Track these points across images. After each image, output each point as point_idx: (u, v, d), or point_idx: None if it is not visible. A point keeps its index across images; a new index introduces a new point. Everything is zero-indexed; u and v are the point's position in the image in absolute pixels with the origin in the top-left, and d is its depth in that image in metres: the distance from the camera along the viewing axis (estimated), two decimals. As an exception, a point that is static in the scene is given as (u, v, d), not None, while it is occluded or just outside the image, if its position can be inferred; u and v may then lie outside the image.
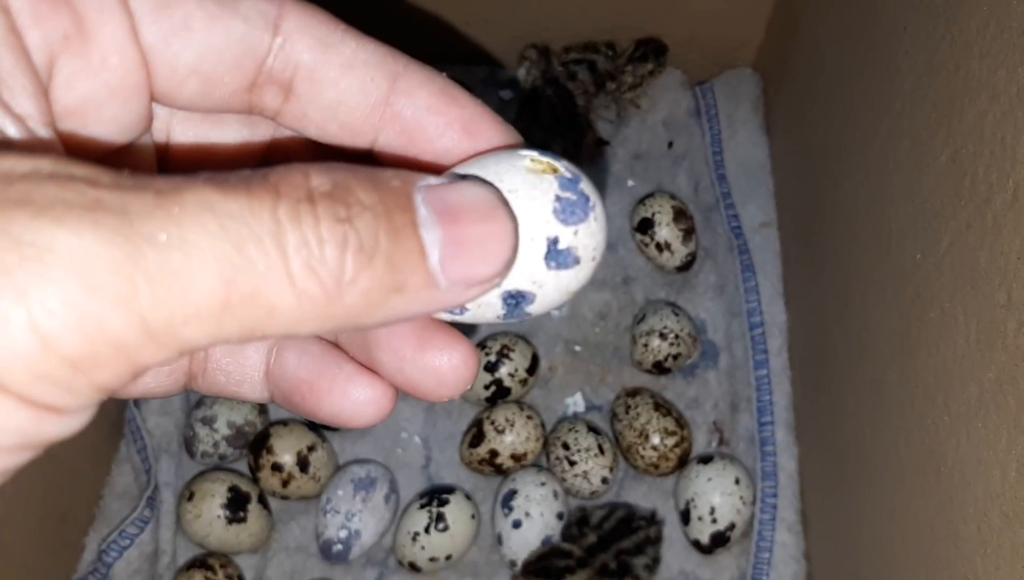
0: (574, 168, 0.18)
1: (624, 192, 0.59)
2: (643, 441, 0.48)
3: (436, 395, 0.19)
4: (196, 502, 0.46)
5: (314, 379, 0.19)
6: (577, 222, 0.17)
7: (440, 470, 0.50)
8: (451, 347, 0.18)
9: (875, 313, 0.40)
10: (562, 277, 0.17)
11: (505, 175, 0.17)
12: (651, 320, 0.52)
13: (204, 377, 0.20)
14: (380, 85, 0.18)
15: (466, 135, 0.18)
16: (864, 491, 0.42)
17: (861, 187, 0.43)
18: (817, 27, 0.52)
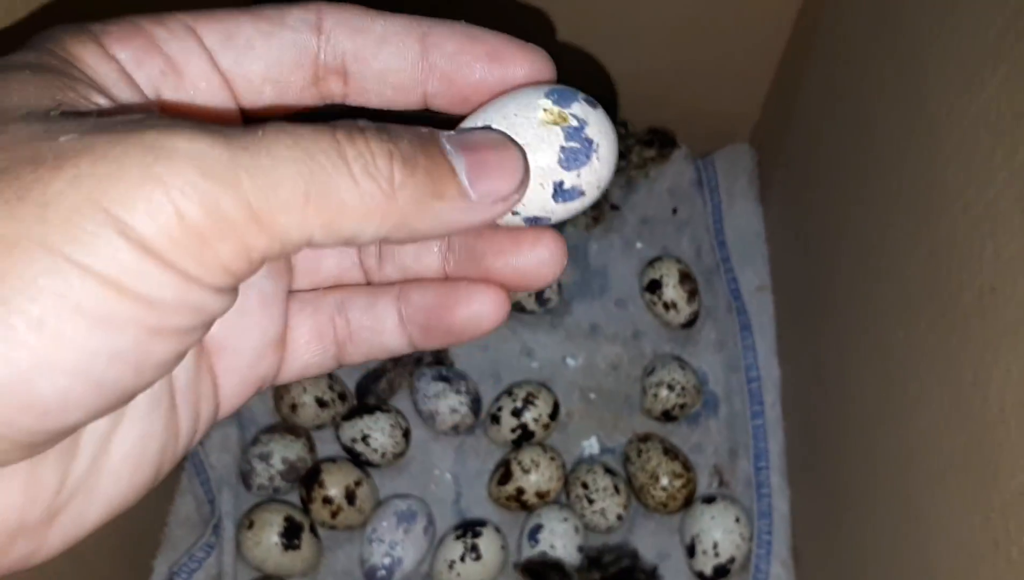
0: (586, 107, 0.21)
1: (633, 253, 0.65)
2: (654, 482, 0.54)
3: (540, 280, 0.22)
4: (256, 530, 0.51)
5: (441, 302, 0.23)
6: (579, 166, 0.20)
7: (470, 505, 0.56)
8: (540, 240, 0.22)
9: (862, 377, 0.47)
10: (570, 206, 0.21)
11: (519, 128, 0.20)
12: (660, 373, 0.58)
13: (352, 342, 0.24)
14: (412, 46, 0.21)
15: (495, 63, 0.21)
16: (849, 531, 0.48)
17: (850, 263, 0.50)
18: (810, 112, 0.59)
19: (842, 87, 0.53)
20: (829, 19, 0.55)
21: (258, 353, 0.22)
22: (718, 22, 0.62)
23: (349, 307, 0.24)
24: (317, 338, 0.23)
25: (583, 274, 0.64)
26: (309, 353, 0.23)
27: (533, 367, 0.61)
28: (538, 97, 0.21)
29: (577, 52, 0.64)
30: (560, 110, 0.20)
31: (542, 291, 0.61)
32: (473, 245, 0.22)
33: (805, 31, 0.60)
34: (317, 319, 0.24)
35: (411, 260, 0.24)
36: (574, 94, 0.21)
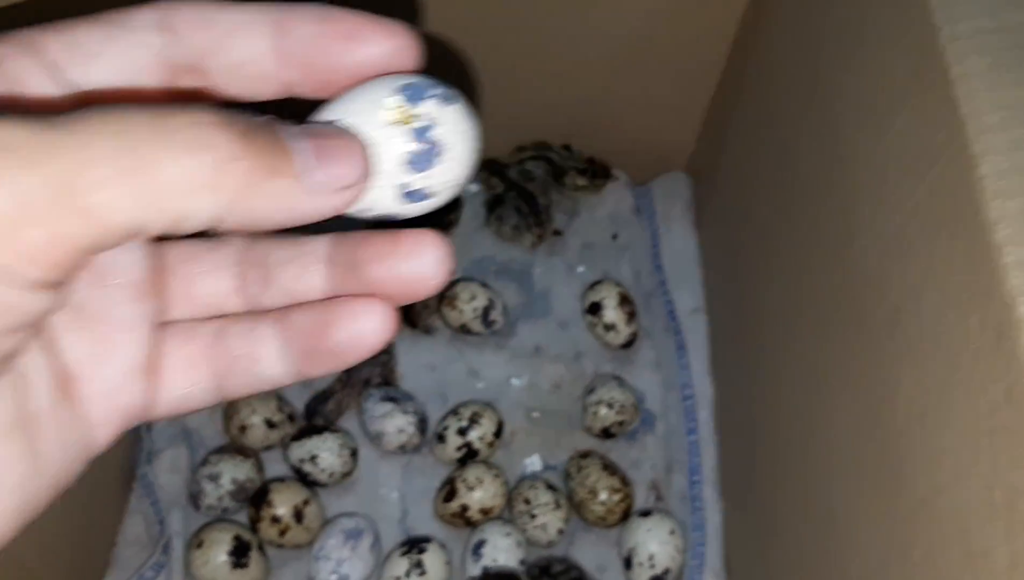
0: (439, 104, 0.20)
1: (575, 277, 0.67)
2: (592, 497, 0.56)
3: (423, 286, 0.21)
4: (204, 549, 0.52)
5: (320, 323, 0.21)
6: (426, 168, 0.20)
7: (417, 522, 0.58)
8: (420, 243, 0.21)
9: (786, 394, 0.50)
10: (419, 207, 0.21)
11: (365, 126, 0.20)
12: (599, 391, 0.60)
13: (231, 372, 0.22)
14: (265, 33, 0.20)
15: (352, 42, 0.20)
16: (774, 542, 0.51)
17: (775, 286, 0.53)
18: (740, 144, 0.62)
19: (768, 121, 0.56)
20: (757, 57, 0.58)
21: (124, 381, 0.21)
22: (655, 56, 0.65)
23: (227, 335, 0.22)
24: (191, 368, 0.22)
25: (527, 297, 0.66)
26: (184, 383, 0.22)
27: (479, 387, 0.63)
28: (388, 93, 0.20)
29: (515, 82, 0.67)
30: (408, 108, 0.20)
31: (488, 313, 0.63)
32: (353, 255, 0.21)
33: (737, 66, 0.63)
34: (192, 348, 0.22)
35: (292, 281, 0.22)
36: (426, 89, 0.20)
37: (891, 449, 0.36)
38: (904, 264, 0.37)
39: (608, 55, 0.65)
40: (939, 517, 0.32)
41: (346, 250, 0.22)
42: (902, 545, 0.35)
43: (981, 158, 0.31)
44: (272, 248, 0.23)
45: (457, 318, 0.63)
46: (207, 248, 0.23)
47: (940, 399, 0.33)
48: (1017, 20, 0.34)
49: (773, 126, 0.55)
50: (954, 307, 0.33)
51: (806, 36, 0.51)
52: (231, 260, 0.23)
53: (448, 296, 0.63)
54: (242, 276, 0.23)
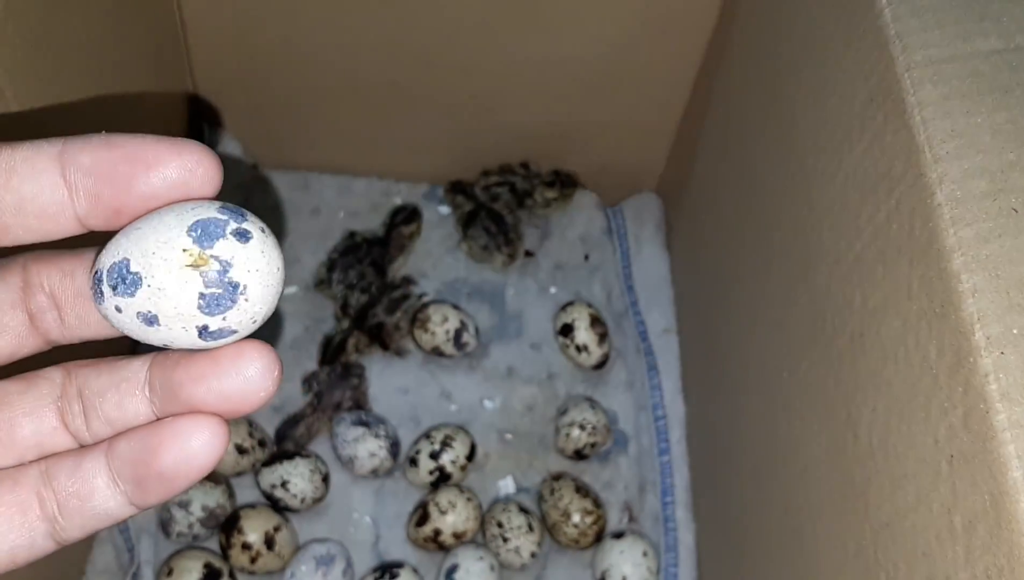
0: (233, 243, 0.19)
1: (547, 298, 0.68)
2: (566, 519, 0.56)
3: (251, 400, 0.20)
4: (175, 577, 0.52)
5: (145, 448, 0.20)
6: (224, 310, 0.19)
7: (389, 547, 0.57)
8: (242, 355, 0.20)
9: (754, 416, 0.50)
10: (220, 342, 0.20)
11: (156, 270, 0.19)
12: (572, 413, 0.60)
13: (63, 514, 0.21)
14: (46, 167, 0.19)
15: (139, 167, 0.19)
16: (746, 562, 0.51)
17: (742, 308, 0.53)
18: (706, 167, 0.63)
19: (733, 144, 0.57)
20: (722, 80, 0.59)
21: None
22: (625, 79, 0.66)
23: (54, 475, 0.21)
24: (20, 516, 0.21)
25: (500, 318, 0.67)
26: (13, 534, 0.21)
27: (452, 410, 0.63)
28: (179, 232, 0.19)
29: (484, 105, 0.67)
30: (200, 251, 0.19)
31: (460, 335, 0.63)
32: (170, 377, 0.20)
33: (703, 89, 0.64)
34: (17, 495, 0.21)
35: (114, 410, 0.21)
36: (221, 226, 0.19)
37: (856, 473, 0.37)
38: (865, 289, 0.38)
39: (577, 78, 0.66)
40: (902, 541, 0.33)
41: (164, 372, 0.21)
42: (867, 568, 0.35)
43: (938, 185, 0.32)
44: (89, 378, 0.22)
45: (429, 341, 0.63)
46: (21, 389, 0.22)
47: (901, 424, 0.34)
48: (970, 50, 0.35)
49: (737, 149, 0.56)
50: (913, 333, 0.33)
51: (768, 61, 0.51)
52: (49, 397, 0.22)
53: (420, 318, 0.63)
54: (63, 411, 0.22)
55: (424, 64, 0.64)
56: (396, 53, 0.64)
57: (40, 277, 0.21)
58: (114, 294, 0.20)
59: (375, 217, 0.70)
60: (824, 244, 0.42)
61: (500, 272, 0.68)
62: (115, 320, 0.20)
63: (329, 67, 0.65)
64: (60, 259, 0.21)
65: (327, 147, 0.71)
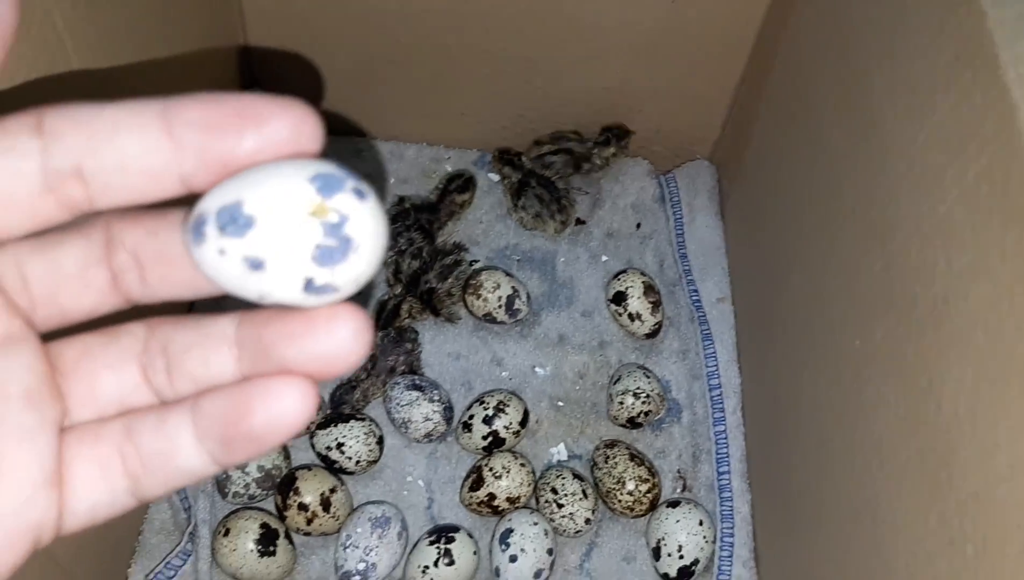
0: (352, 199, 0.19)
1: (599, 266, 0.67)
2: (620, 487, 0.56)
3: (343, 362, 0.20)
4: (231, 537, 0.52)
5: (236, 407, 0.20)
6: (334, 265, 0.19)
7: (442, 510, 0.57)
8: (336, 318, 0.19)
9: (819, 384, 0.49)
10: (319, 300, 0.19)
11: (276, 213, 0.19)
12: (626, 381, 0.60)
13: (145, 471, 0.21)
14: (152, 124, 0.19)
15: (248, 122, 0.19)
16: (808, 532, 0.50)
17: (805, 275, 0.52)
18: (767, 132, 0.61)
19: (799, 110, 0.55)
20: (787, 45, 0.58)
21: (26, 497, 0.20)
22: (680, 44, 0.64)
23: (137, 432, 0.21)
24: (101, 472, 0.21)
25: (551, 286, 0.66)
26: (95, 491, 0.21)
27: (503, 376, 0.62)
28: (301, 180, 0.19)
29: (537, 71, 0.66)
30: (321, 202, 0.19)
31: (512, 302, 0.62)
32: (261, 335, 0.20)
33: (763, 55, 0.62)
34: (100, 451, 0.21)
35: (199, 367, 0.21)
36: (341, 181, 0.19)
37: (938, 442, 0.36)
38: (950, 253, 0.37)
39: (632, 42, 0.64)
40: (992, 512, 0.32)
41: (254, 330, 0.20)
42: (953, 539, 0.34)
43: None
44: (174, 334, 0.21)
45: (482, 307, 0.63)
46: (103, 342, 0.22)
47: (992, 392, 0.33)
48: (1071, 5, 0.34)
49: (804, 115, 0.55)
50: (1007, 297, 0.32)
51: (839, 22, 0.50)
52: (131, 352, 0.21)
53: (472, 284, 0.63)
54: (145, 367, 0.21)
55: (477, 29, 0.64)
56: (449, 18, 0.63)
57: (123, 235, 0.21)
58: (221, 235, 0.19)
59: (426, 183, 0.69)
60: (901, 208, 0.41)
61: (551, 240, 0.68)
62: (212, 264, 0.20)
63: (382, 32, 0.64)
64: (144, 218, 0.21)
65: (379, 113, 0.70)
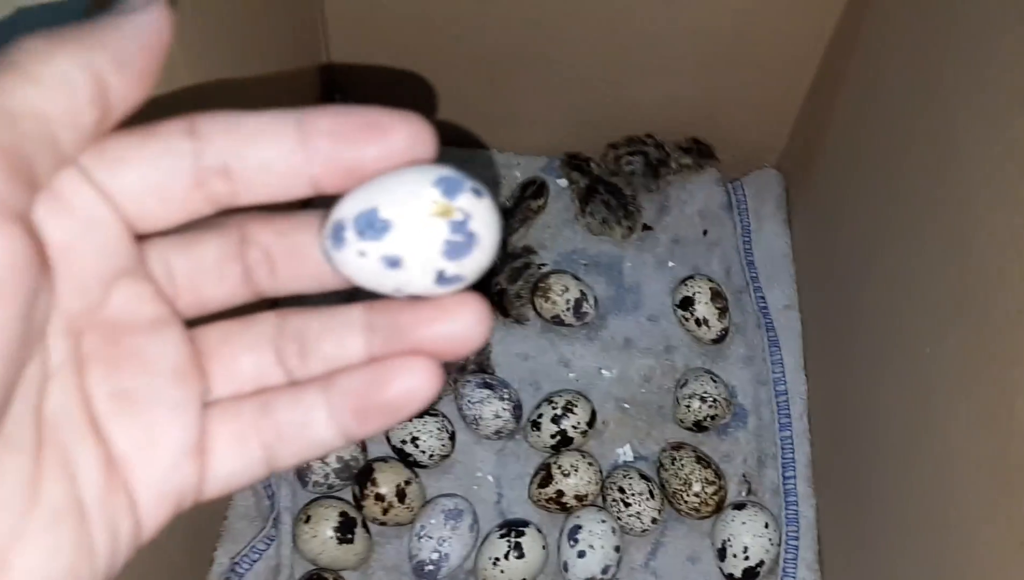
0: (472, 198, 0.21)
1: (665, 272, 0.68)
2: (687, 488, 0.57)
3: (468, 344, 0.22)
4: (312, 524, 0.54)
5: (370, 382, 0.22)
6: (461, 258, 0.21)
7: (511, 506, 0.59)
8: (464, 305, 0.22)
9: (890, 391, 0.50)
10: (448, 289, 0.22)
11: (407, 216, 0.21)
12: (693, 385, 0.61)
13: (280, 442, 0.23)
14: (289, 132, 0.21)
15: (373, 133, 0.21)
16: (874, 537, 0.51)
17: (879, 284, 0.53)
18: (840, 141, 0.62)
19: (871, 118, 0.56)
20: (860, 54, 0.58)
21: (173, 465, 0.22)
22: (750, 52, 0.65)
23: (273, 406, 0.23)
24: (240, 444, 0.23)
25: (617, 290, 0.67)
26: (233, 461, 0.23)
27: (570, 377, 0.64)
28: (426, 185, 0.21)
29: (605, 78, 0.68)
30: (447, 203, 0.21)
31: (580, 305, 0.64)
32: (398, 320, 0.22)
33: (834, 64, 0.63)
34: (238, 424, 0.23)
35: (332, 349, 0.23)
36: (461, 183, 0.21)
37: (1010, 449, 0.37)
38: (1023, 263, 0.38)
39: (701, 50, 0.66)
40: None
41: (385, 316, 0.22)
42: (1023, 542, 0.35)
43: (1118, 159, 0.31)
44: (308, 321, 0.23)
45: (550, 309, 0.64)
46: (241, 328, 0.24)
47: (1069, 398, 0.33)
48: None
49: (877, 124, 0.55)
50: (1084, 307, 0.33)
51: (916, 32, 0.51)
52: (266, 336, 0.24)
53: (541, 287, 0.65)
54: (280, 350, 0.23)
55: (549, 38, 0.65)
56: (523, 26, 0.65)
57: (256, 235, 0.23)
58: (359, 239, 0.22)
59: (497, 189, 0.71)
60: (979, 218, 0.42)
61: (618, 245, 0.69)
62: (352, 264, 0.22)
63: (457, 45, 0.66)
64: (274, 220, 0.23)
65: (452, 120, 0.73)
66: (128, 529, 0.21)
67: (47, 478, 0.20)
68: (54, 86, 0.19)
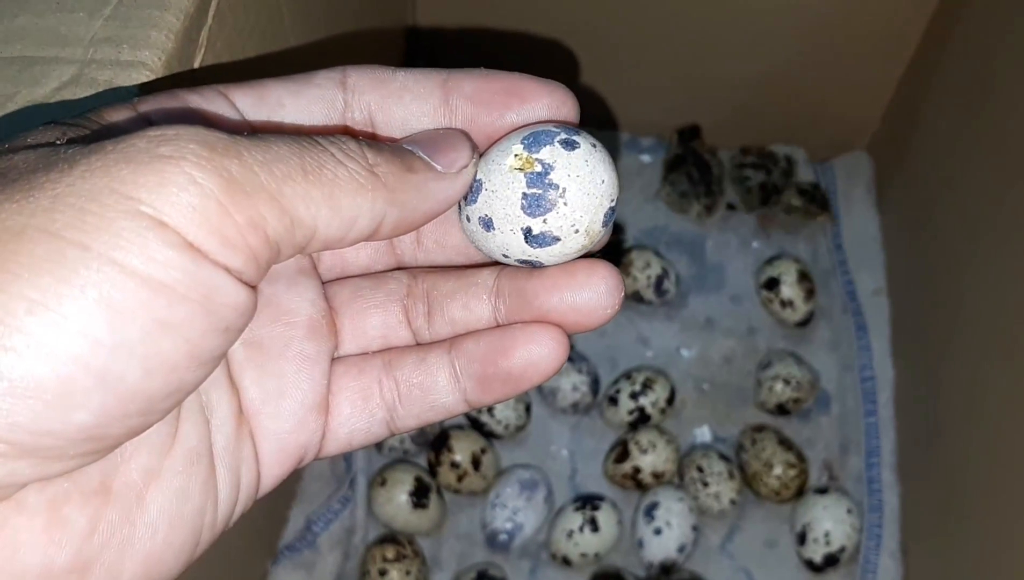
0: (558, 149, 0.20)
1: (749, 252, 0.67)
2: (767, 470, 0.56)
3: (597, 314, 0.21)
4: (388, 488, 0.54)
5: (496, 348, 0.22)
6: (544, 213, 0.21)
7: (585, 481, 0.58)
8: (594, 272, 0.21)
9: (988, 380, 0.48)
10: (551, 250, 0.21)
11: (492, 174, 0.21)
12: (776, 367, 0.60)
13: (402, 403, 0.23)
14: (433, 92, 0.21)
15: (513, 98, 0.21)
16: (961, 529, 0.49)
17: (979, 270, 0.51)
18: (936, 124, 0.60)
19: (976, 101, 0.54)
20: (962, 35, 0.56)
21: (299, 418, 0.22)
22: (844, 32, 0.63)
23: (397, 366, 0.23)
24: (363, 402, 0.23)
25: (699, 269, 0.66)
26: (355, 418, 0.23)
27: (648, 355, 0.63)
28: (515, 142, 0.21)
29: (700, 54, 0.67)
30: (528, 155, 0.21)
31: (661, 282, 0.63)
32: (524, 286, 0.22)
33: (932, 46, 0.61)
34: (362, 382, 0.23)
35: (460, 311, 0.23)
36: (551, 135, 0.21)
37: None
38: None
39: (795, 29, 0.64)
40: None
41: (515, 280, 0.22)
42: None
43: None
44: (437, 281, 0.23)
45: (630, 285, 0.63)
46: (372, 285, 0.24)
47: None
48: None
49: (982, 106, 0.53)
50: None
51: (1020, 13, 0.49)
52: (396, 295, 0.23)
53: (623, 262, 0.64)
54: (408, 310, 0.23)
55: (635, 12, 0.64)
56: (608, 3, 0.64)
57: None
58: (466, 204, 0.22)
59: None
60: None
61: (697, 223, 0.68)
62: (468, 231, 0.22)
63: (542, 17, 0.66)
64: None
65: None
66: (250, 480, 0.21)
67: (185, 420, 0.20)
68: None
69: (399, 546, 0.53)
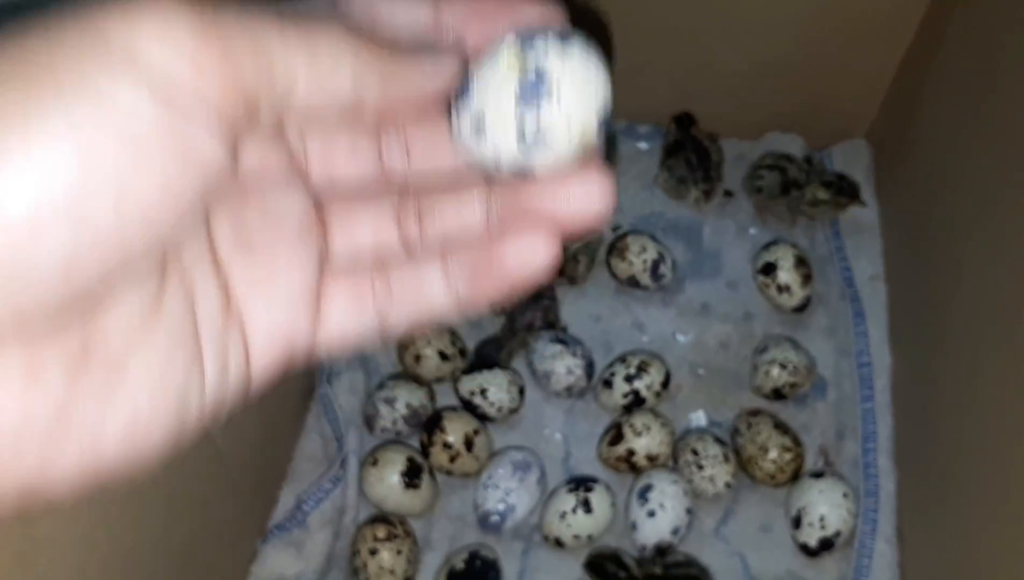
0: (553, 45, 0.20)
1: (746, 238, 0.66)
2: (763, 454, 0.55)
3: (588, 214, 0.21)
4: (379, 468, 0.54)
5: (487, 245, 0.22)
6: (534, 109, 0.20)
7: (579, 464, 0.58)
8: (586, 173, 0.21)
9: (984, 367, 0.47)
10: (543, 153, 0.21)
11: (483, 72, 0.21)
12: (773, 351, 0.59)
13: (394, 303, 0.23)
14: (423, 5, 0.21)
15: (503, 9, 0.21)
16: (956, 514, 0.49)
17: (978, 257, 0.50)
18: (935, 112, 0.59)
19: (976, 90, 0.53)
20: (960, 23, 0.56)
21: (287, 311, 0.22)
22: (842, 20, 0.63)
23: (389, 266, 0.23)
24: (354, 300, 0.23)
25: (696, 255, 0.66)
26: (347, 318, 0.23)
27: (643, 341, 0.63)
28: (509, 39, 0.20)
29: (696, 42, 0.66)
30: (519, 52, 0.20)
31: (657, 267, 0.63)
32: (516, 189, 0.22)
33: (930, 33, 0.61)
34: (354, 280, 0.23)
35: (451, 217, 0.23)
36: (544, 32, 0.20)
37: None
38: None
39: (792, 16, 0.64)
40: None
41: (508, 188, 0.22)
42: None
43: None
44: (428, 184, 0.23)
45: (626, 270, 0.63)
46: (363, 192, 0.24)
47: None
48: None
49: (981, 94, 0.53)
50: None
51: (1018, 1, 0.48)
52: (388, 202, 0.23)
53: (618, 247, 0.63)
54: (399, 214, 0.23)
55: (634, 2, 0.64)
56: None
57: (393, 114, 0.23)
58: (457, 105, 0.21)
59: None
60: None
61: (694, 209, 0.67)
62: (458, 134, 0.22)
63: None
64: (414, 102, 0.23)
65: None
66: (239, 366, 0.21)
67: (169, 294, 0.19)
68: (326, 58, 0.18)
69: (390, 526, 0.52)
